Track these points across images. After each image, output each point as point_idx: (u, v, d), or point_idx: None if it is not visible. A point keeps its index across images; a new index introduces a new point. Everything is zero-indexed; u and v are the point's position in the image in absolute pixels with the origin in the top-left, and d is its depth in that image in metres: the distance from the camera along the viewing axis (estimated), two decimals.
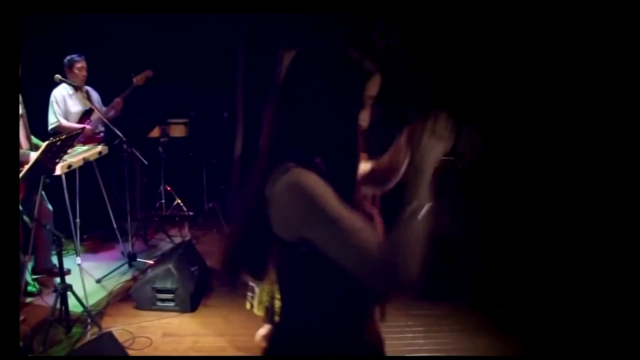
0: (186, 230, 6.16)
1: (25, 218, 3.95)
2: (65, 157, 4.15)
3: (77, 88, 5.07)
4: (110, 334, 3.19)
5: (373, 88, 1.39)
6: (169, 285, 4.15)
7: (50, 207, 4.52)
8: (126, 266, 5.00)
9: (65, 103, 5.23)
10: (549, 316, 4.09)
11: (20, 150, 3.98)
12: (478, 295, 4.49)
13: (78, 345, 3.56)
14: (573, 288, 4.36)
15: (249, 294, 3.47)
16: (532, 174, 5.51)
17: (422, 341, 3.80)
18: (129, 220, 5.25)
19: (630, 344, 3.62)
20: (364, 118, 1.42)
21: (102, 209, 5.02)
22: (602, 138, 4.85)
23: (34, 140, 4.36)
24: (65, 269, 3.84)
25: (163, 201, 6.20)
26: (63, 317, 3.77)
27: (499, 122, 5.78)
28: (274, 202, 1.37)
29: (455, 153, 5.40)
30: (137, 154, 4.93)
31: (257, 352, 3.62)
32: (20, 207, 3.64)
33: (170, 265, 4.15)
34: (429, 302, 4.40)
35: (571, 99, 5.21)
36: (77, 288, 3.91)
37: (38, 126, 4.77)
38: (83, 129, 4.90)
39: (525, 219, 5.34)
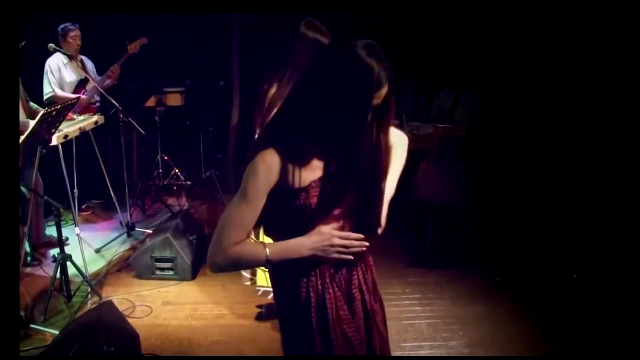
0: (184, 199, 6.18)
1: (23, 189, 3.95)
2: (61, 127, 4.13)
3: (71, 57, 5.02)
4: (110, 303, 3.21)
5: (379, 97, 1.50)
6: (167, 254, 4.18)
7: (40, 179, 4.50)
8: (125, 236, 5.02)
9: (60, 72, 5.18)
10: (545, 283, 4.13)
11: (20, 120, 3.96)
12: (474, 262, 4.53)
13: (79, 314, 3.60)
14: (568, 254, 4.40)
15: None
16: (529, 141, 5.51)
17: (418, 308, 3.85)
18: (126, 190, 5.25)
19: (624, 307, 3.67)
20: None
21: (99, 179, 5.03)
22: (599, 108, 4.84)
23: (33, 105, 4.34)
24: (64, 239, 3.86)
25: (160, 170, 6.19)
26: (63, 286, 3.81)
27: (497, 90, 5.75)
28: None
29: (453, 120, 5.39)
30: (134, 123, 4.91)
31: (255, 320, 3.68)
32: None
33: (168, 234, 4.17)
34: (426, 270, 4.44)
35: (570, 67, 5.18)
36: (76, 258, 3.93)
37: (34, 96, 4.73)
38: (78, 98, 4.86)
39: (522, 187, 5.36)
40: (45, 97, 5.10)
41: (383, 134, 1.61)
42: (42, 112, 3.70)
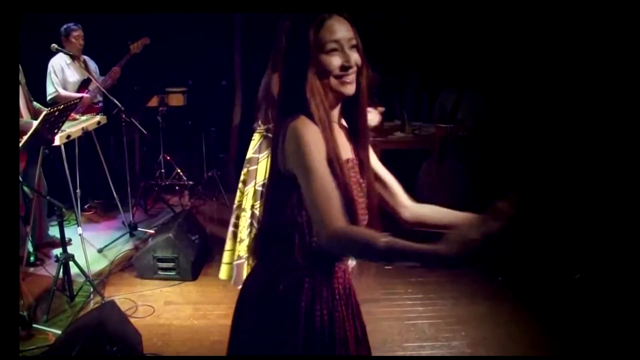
0: (186, 199, 6.18)
1: (26, 189, 3.96)
2: (64, 127, 4.14)
3: (74, 57, 5.03)
4: (112, 303, 3.22)
5: (330, 33, 1.52)
6: (169, 254, 4.19)
7: (44, 180, 4.51)
8: (127, 235, 5.03)
9: (63, 72, 5.19)
10: (546, 282, 4.13)
11: (22, 120, 3.97)
12: (476, 263, 4.51)
13: (81, 313, 3.60)
14: (570, 254, 4.39)
15: None
16: (532, 140, 5.50)
17: (421, 308, 3.85)
18: (129, 190, 5.26)
19: (626, 307, 3.67)
20: (346, 60, 1.52)
21: (102, 179, 5.04)
22: (602, 108, 4.83)
23: (37, 105, 4.35)
24: (66, 239, 3.87)
25: (163, 170, 6.19)
26: (66, 286, 3.82)
27: (499, 90, 5.75)
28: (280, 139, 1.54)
29: (456, 120, 5.40)
30: (136, 123, 4.92)
31: None
32: (20, 179, 3.64)
33: (170, 234, 4.18)
34: (427, 269, 4.43)
35: (572, 67, 5.17)
36: (79, 258, 3.94)
37: (38, 96, 4.74)
38: (81, 98, 4.88)
39: (524, 186, 5.35)
40: (48, 98, 5.11)
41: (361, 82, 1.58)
42: (44, 112, 3.70)
